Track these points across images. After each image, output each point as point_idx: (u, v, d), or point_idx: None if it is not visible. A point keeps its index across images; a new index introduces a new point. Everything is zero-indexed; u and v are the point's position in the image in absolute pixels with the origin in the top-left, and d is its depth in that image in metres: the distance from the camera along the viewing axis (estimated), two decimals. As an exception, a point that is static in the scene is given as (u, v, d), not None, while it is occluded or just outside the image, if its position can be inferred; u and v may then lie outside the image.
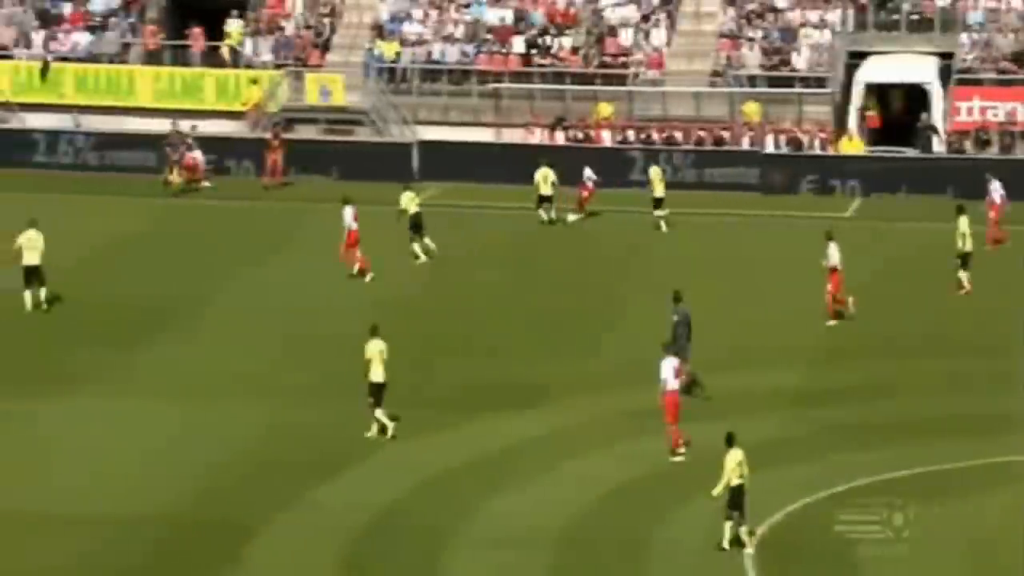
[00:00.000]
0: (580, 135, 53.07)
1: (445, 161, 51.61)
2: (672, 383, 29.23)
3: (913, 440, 29.51)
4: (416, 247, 41.68)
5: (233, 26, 56.15)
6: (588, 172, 47.01)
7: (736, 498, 25.55)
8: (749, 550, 25.56)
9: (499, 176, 51.07)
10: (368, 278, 39.95)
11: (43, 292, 37.12)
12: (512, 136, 53.33)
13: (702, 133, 52.30)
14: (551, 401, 31.98)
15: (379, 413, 29.77)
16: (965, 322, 37.52)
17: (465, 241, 43.94)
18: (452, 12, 56.56)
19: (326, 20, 57.27)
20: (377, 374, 29.75)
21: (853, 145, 51.36)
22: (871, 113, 52.08)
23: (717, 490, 25.67)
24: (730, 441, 25.85)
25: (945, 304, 38.90)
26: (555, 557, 25.73)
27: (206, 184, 51.08)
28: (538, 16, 55.94)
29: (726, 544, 25.58)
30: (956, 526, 26.85)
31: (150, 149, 52.35)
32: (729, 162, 51.13)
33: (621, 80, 54.20)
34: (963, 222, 39.36)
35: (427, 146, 52.23)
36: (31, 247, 37.05)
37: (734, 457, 25.71)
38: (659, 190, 46.02)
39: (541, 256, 43.97)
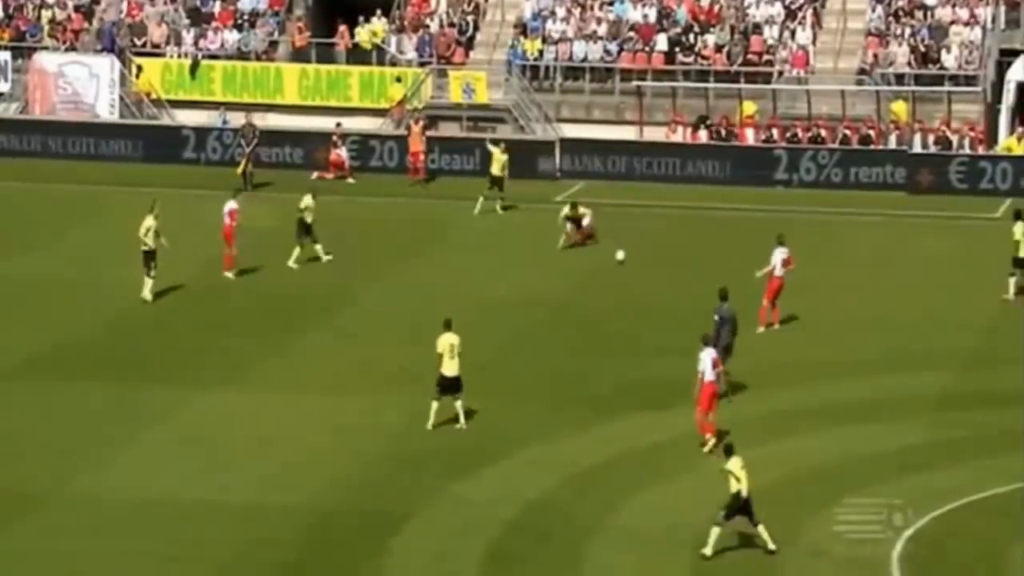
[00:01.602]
0: (723, 133, 52.96)
1: (587, 158, 51.81)
2: (710, 374, 29.38)
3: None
4: (318, 248, 41.16)
5: (368, 27, 56.73)
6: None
7: (743, 505, 25.21)
8: (772, 547, 25.22)
9: (641, 174, 51.28)
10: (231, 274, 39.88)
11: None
12: (655, 134, 53.36)
13: (848, 132, 51.91)
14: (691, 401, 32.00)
15: (457, 405, 30.22)
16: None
17: (614, 238, 44.01)
18: (595, 10, 56.71)
19: (469, 18, 57.73)
20: (450, 368, 30.05)
21: (1019, 146, 50.57)
22: None
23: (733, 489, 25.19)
24: (728, 451, 25.73)
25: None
26: (698, 551, 25.78)
27: (350, 181, 51.75)
28: (682, 14, 55.91)
29: (709, 551, 25.20)
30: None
31: (296, 145, 53.16)
32: (876, 161, 50.71)
33: (766, 78, 53.99)
34: (1019, 228, 37.97)
35: (569, 144, 52.44)
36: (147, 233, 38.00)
37: (736, 464, 25.44)
38: (496, 169, 45.69)
39: (686, 253, 43.93)
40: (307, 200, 41.41)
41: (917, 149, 51.21)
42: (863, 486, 28.22)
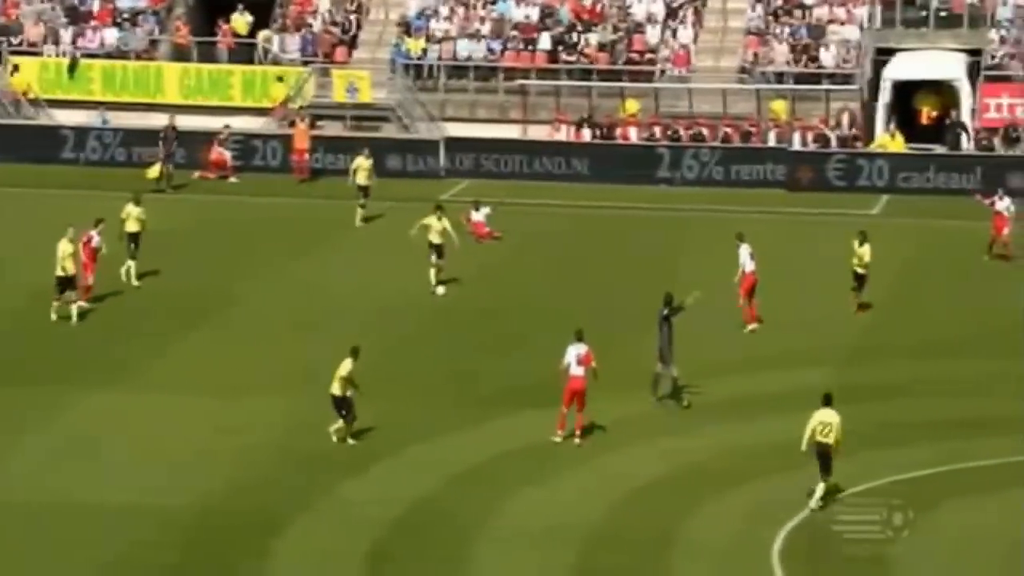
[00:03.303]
0: (606, 131, 53.18)
1: (472, 157, 51.79)
2: (574, 368, 29.39)
3: (944, 437, 29.47)
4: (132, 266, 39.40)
5: (242, 17, 56.29)
6: (479, 212, 43.45)
7: (818, 457, 26.74)
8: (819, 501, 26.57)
9: (525, 173, 51.37)
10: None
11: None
12: (539, 133, 53.44)
13: (729, 130, 52.32)
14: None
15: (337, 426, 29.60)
16: (992, 322, 37.46)
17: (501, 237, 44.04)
18: (479, 9, 56.70)
19: (352, 17, 57.47)
20: (336, 387, 29.50)
21: (895, 143, 51.29)
22: (926, 109, 52.00)
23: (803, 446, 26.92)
24: (826, 401, 27.15)
25: (972, 304, 38.85)
26: (581, 553, 25.85)
27: (233, 180, 51.32)
28: (564, 13, 56.04)
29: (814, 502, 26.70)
30: (987, 523, 26.85)
31: (178, 145, 52.57)
32: (756, 159, 51.15)
33: (648, 77, 54.27)
34: (863, 249, 37.20)
35: (454, 143, 52.38)
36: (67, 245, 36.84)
37: (817, 416, 26.88)
38: (362, 179, 45.39)
39: (568, 253, 44.02)
40: (132, 209, 39.67)
41: (796, 147, 51.72)
42: (746, 481, 28.41)
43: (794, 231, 46.15)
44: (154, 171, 49.58)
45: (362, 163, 46.10)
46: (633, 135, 53.00)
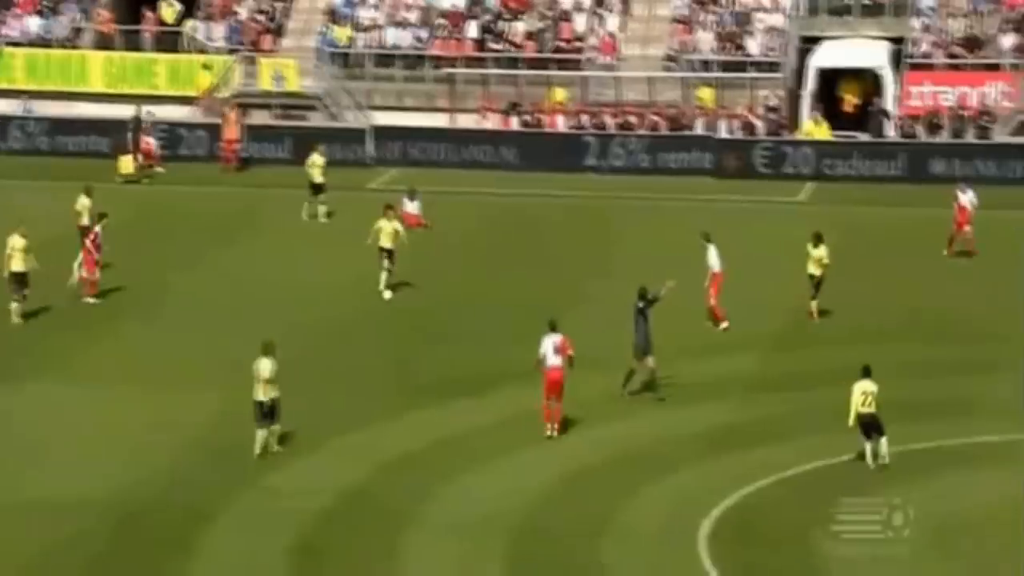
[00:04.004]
0: (533, 120, 53.16)
1: (399, 146, 51.65)
2: (551, 359, 29.19)
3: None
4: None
5: (168, 9, 55.87)
6: (412, 203, 43.02)
7: (864, 425, 27.96)
8: (885, 459, 27.85)
9: (453, 161, 51.30)
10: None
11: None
12: (466, 121, 53.34)
13: (656, 118, 52.42)
14: (510, 387, 32.01)
15: (260, 433, 28.54)
16: (918, 308, 37.76)
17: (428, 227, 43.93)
18: (406, -3, 56.52)
19: (279, 5, 57.09)
20: (259, 392, 28.52)
21: (820, 130, 51.58)
22: (848, 97, 52.32)
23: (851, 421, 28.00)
24: (864, 372, 28.10)
25: (898, 290, 39.11)
26: (512, 540, 25.82)
27: (159, 170, 50.90)
28: (492, 1, 55.91)
29: (869, 461, 28.01)
30: (913, 507, 27.03)
31: (102, 134, 52.09)
32: (683, 147, 51.29)
33: (575, 65, 54.26)
34: (820, 251, 36.45)
35: (381, 131, 52.20)
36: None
37: (858, 387, 27.93)
38: (317, 176, 44.91)
39: (498, 241, 43.97)
40: (84, 201, 39.46)
41: (723, 134, 51.90)
42: (674, 466, 28.49)
43: (721, 218, 46.31)
44: (126, 164, 49.04)
45: (316, 160, 45.67)
46: (561, 123, 52.98)
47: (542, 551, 25.64)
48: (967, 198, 41.33)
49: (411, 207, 43.79)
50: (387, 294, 37.96)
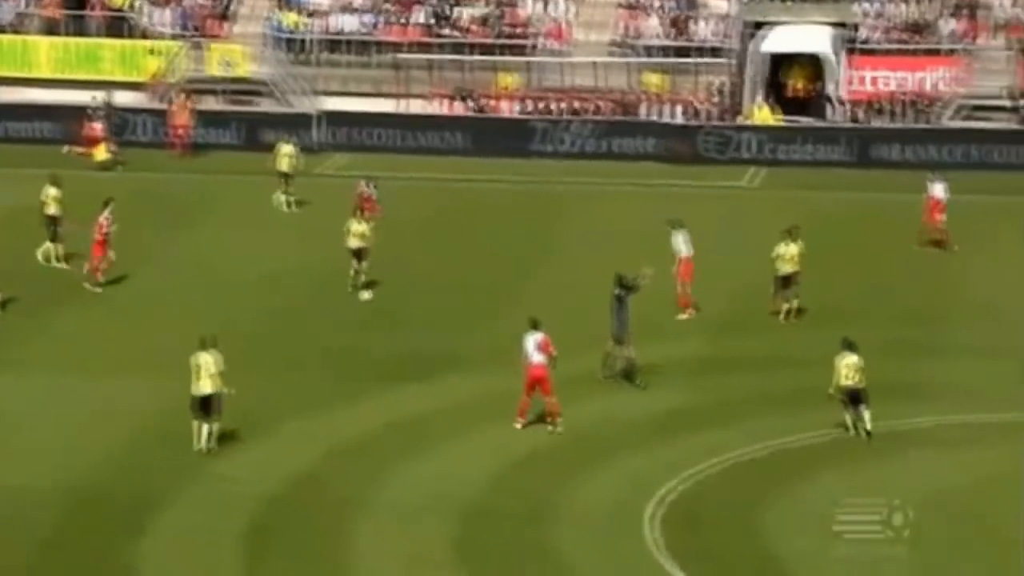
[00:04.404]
0: (481, 105, 53.23)
1: (348, 131, 51.63)
2: (536, 357, 29.10)
3: (817, 406, 29.91)
4: (56, 248, 38.91)
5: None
6: (370, 188, 42.53)
7: (851, 398, 28.76)
8: (869, 428, 28.64)
9: (402, 146, 51.32)
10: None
11: None
12: (415, 107, 53.34)
13: (604, 103, 52.59)
14: (461, 372, 32.16)
15: (204, 428, 28.09)
16: (865, 290, 38.09)
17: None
18: (354, -18, 56.41)
19: (227, -10, 56.92)
20: (200, 386, 28.09)
21: (766, 115, 51.88)
22: (793, 82, 52.60)
23: (831, 389, 28.75)
24: (848, 346, 28.77)
25: (845, 273, 39.42)
26: (461, 524, 25.96)
27: (107, 156, 50.71)
28: (440, -13, 55.93)
29: (850, 424, 28.80)
30: (856, 490, 27.33)
31: (49, 120, 51.84)
32: (630, 132, 51.47)
33: (523, 51, 54.33)
34: (791, 247, 35.95)
35: (330, 116, 52.16)
36: None
37: (843, 360, 28.60)
38: (284, 165, 44.80)
39: (448, 226, 44.05)
40: (50, 191, 39.23)
41: (671, 119, 52.11)
42: (623, 450, 28.68)
43: (668, 202, 46.52)
44: (101, 151, 48.93)
45: (284, 149, 45.49)
46: (509, 108, 53.05)
47: (490, 534, 25.77)
48: (938, 188, 40.91)
49: (370, 191, 43.78)
50: (365, 295, 36.75)
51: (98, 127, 51.02)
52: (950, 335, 34.51)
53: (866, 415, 28.99)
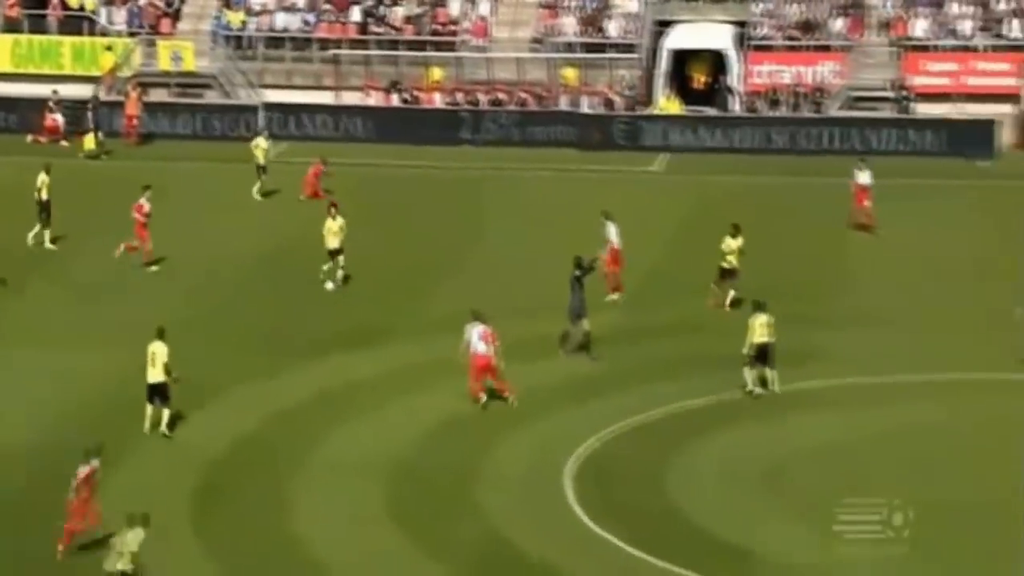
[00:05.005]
0: (412, 97, 53.07)
1: (289, 121, 51.39)
2: (481, 348, 28.75)
3: (716, 371, 30.07)
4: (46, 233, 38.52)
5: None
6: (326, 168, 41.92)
7: (759, 353, 28.93)
8: (775, 387, 28.78)
9: (339, 135, 51.09)
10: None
11: None
12: (351, 99, 53.15)
13: (524, 95, 52.56)
14: (394, 343, 32.06)
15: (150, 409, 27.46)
16: (765, 267, 38.26)
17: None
18: (294, -17, 55.95)
19: (176, -10, 56.30)
20: (152, 374, 27.57)
21: (672, 106, 52.01)
22: (697, 75, 52.72)
23: (746, 348, 28.91)
24: (759, 307, 29.05)
25: (746, 250, 39.55)
26: (392, 482, 25.93)
27: (64, 144, 50.14)
28: (374, -13, 55.58)
29: (750, 387, 28.89)
30: (749, 447, 27.54)
31: (11, 111, 51.15)
32: (549, 121, 51.47)
33: (450, 47, 54.18)
34: (734, 242, 35.13)
35: (272, 108, 51.89)
36: None
37: (757, 319, 28.84)
38: (260, 158, 44.08)
39: (382, 208, 43.84)
40: (43, 178, 38.88)
41: (586, 110, 52.15)
42: (539, 414, 28.71)
43: (584, 187, 46.61)
44: (88, 141, 48.29)
45: (260, 143, 44.90)
46: (438, 100, 52.93)
47: (420, 492, 25.77)
48: (864, 176, 40.69)
49: (325, 170, 43.42)
50: (329, 285, 35.69)
51: (58, 118, 50.43)
52: (837, 307, 34.75)
53: (772, 375, 29.11)
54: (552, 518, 24.90)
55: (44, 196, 38.92)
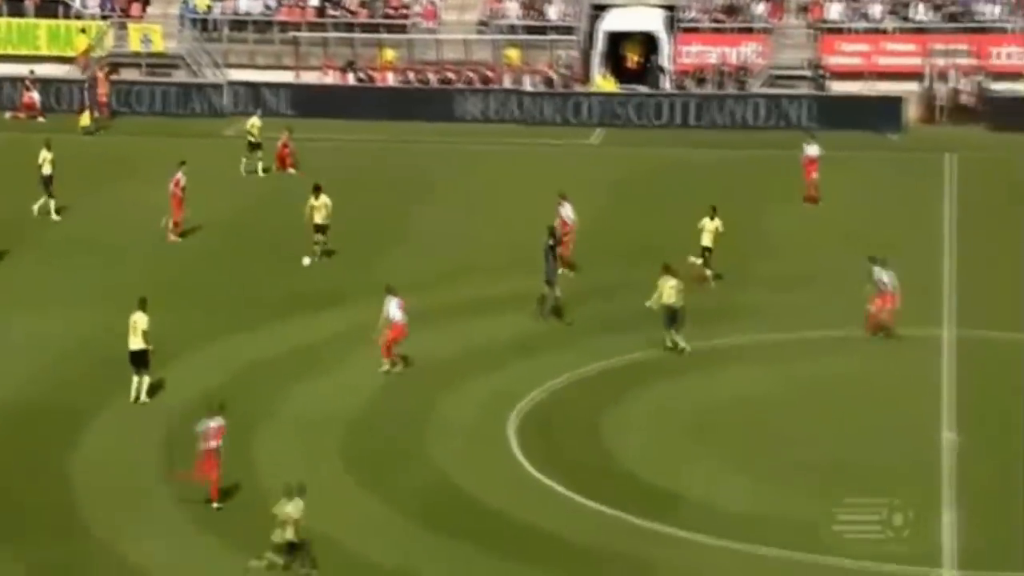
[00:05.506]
0: (367, 76, 52.74)
1: (252, 98, 50.92)
2: (399, 316, 28.35)
3: (651, 328, 29.98)
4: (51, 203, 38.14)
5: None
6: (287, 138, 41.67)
7: (670, 316, 28.55)
8: (686, 347, 28.58)
9: (299, 111, 50.68)
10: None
11: None
12: (309, 77, 52.75)
13: (471, 74, 52.28)
14: (348, 304, 31.80)
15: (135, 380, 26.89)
16: (689, 232, 38.19)
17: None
18: (256, -30, 55.34)
19: (146, -24, 55.57)
20: (133, 342, 27.02)
21: (608, 84, 51.87)
22: (631, 56, 52.58)
23: (649, 302, 28.82)
24: (668, 270, 28.81)
25: (672, 215, 39.46)
26: (348, 434, 25.79)
27: (41, 120, 49.47)
28: (330, -26, 55.06)
29: (669, 343, 28.70)
30: (683, 399, 27.54)
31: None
32: (494, 99, 51.20)
33: (402, 29, 53.83)
34: (712, 223, 34.25)
35: (236, 86, 51.41)
36: None
37: (667, 282, 28.50)
38: (256, 135, 43.44)
39: (337, 180, 43.41)
40: (45, 154, 38.34)
41: (528, 88, 51.93)
42: (484, 369, 28.60)
43: (527, 159, 46.47)
44: (85, 118, 47.76)
45: (255, 122, 44.10)
46: (391, 79, 52.57)
47: (373, 442, 25.66)
48: (812, 149, 40.35)
49: (291, 147, 42.88)
50: (306, 260, 34.74)
51: (35, 96, 49.76)
52: (761, 269, 34.76)
53: (679, 337, 28.93)
54: (496, 466, 24.84)
55: (47, 171, 38.34)
